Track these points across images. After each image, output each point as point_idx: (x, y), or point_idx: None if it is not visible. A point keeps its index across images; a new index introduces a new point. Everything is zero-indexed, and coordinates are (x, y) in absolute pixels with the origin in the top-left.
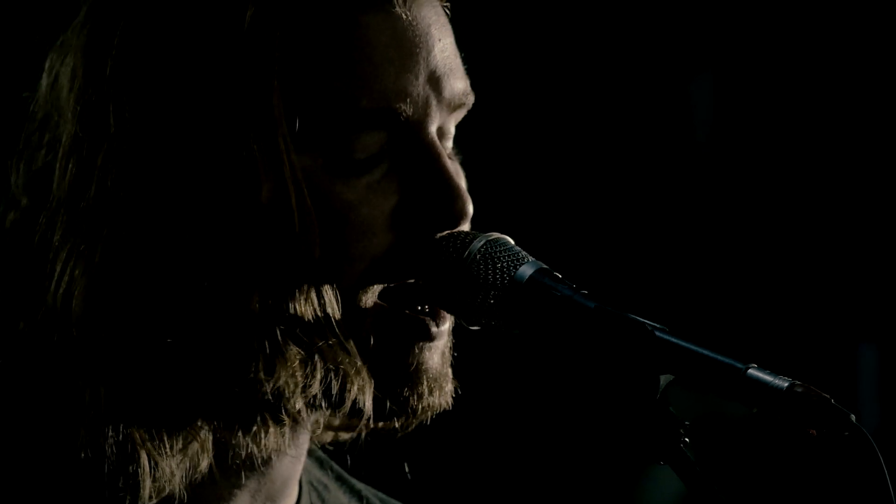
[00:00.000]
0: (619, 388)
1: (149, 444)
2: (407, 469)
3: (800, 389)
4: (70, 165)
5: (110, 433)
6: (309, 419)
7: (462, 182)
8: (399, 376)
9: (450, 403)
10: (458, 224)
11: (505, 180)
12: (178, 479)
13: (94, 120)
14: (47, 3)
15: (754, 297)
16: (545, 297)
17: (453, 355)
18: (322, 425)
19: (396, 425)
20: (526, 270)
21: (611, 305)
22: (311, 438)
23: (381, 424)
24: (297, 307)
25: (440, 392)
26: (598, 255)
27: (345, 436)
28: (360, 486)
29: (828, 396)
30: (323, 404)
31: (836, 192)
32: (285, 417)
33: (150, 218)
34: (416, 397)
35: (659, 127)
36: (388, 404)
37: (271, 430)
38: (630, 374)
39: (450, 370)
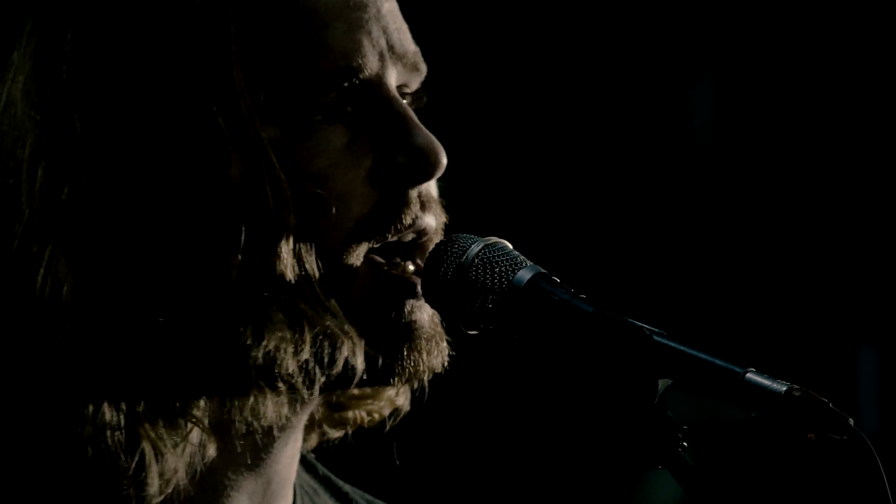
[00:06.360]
0: (618, 392)
1: (152, 434)
2: (396, 458)
3: (798, 393)
4: (39, 173)
5: (111, 426)
6: (305, 387)
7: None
8: (395, 333)
9: (445, 364)
10: (433, 176)
11: (506, 184)
12: (181, 473)
13: (58, 124)
14: None
15: (754, 300)
16: (543, 301)
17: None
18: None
19: (391, 389)
20: (524, 275)
21: (609, 309)
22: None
23: (377, 392)
24: (278, 274)
25: (436, 351)
26: (599, 259)
27: (334, 434)
28: (347, 488)
29: (826, 400)
30: (315, 368)
31: (837, 195)
32: (280, 383)
33: (128, 206)
34: (413, 355)
35: (659, 131)
36: (382, 366)
37: (268, 398)
38: (628, 378)
39: (442, 330)
